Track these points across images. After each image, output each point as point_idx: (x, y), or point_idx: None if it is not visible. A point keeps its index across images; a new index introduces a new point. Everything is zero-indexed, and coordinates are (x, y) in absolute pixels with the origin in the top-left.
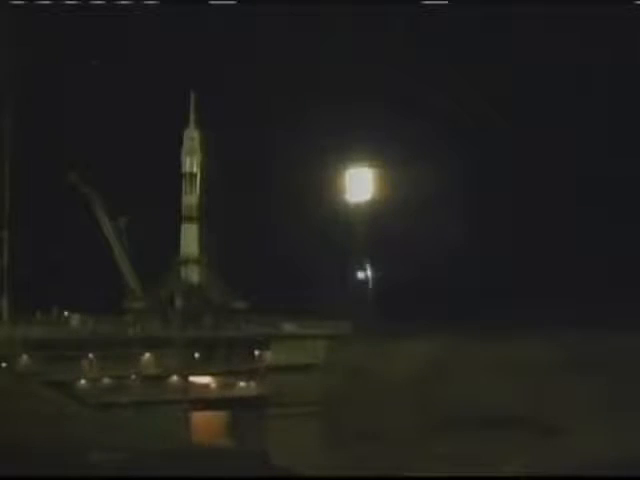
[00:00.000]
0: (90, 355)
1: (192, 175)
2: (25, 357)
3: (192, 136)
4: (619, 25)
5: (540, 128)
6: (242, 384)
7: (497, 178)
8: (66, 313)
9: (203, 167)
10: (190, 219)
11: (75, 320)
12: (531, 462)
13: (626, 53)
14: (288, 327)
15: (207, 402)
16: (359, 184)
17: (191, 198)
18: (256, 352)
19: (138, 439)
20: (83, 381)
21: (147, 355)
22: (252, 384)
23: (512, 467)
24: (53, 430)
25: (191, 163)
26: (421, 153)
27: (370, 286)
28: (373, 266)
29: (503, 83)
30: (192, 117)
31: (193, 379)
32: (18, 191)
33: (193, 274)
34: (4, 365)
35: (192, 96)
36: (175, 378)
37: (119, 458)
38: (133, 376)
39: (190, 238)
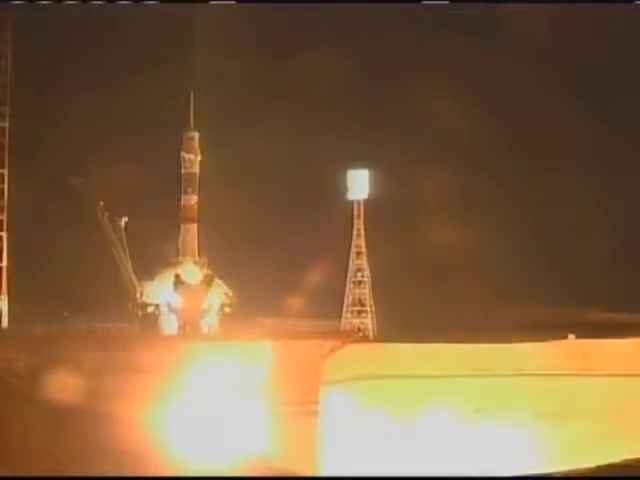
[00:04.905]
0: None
1: (192, 175)
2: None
3: (192, 136)
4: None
5: (540, 127)
6: None
7: (497, 178)
8: (65, 313)
9: (203, 167)
10: (190, 219)
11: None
12: None
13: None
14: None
15: None
16: (358, 183)
17: (191, 198)
18: None
19: None
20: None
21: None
22: None
23: None
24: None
25: (191, 163)
26: (421, 153)
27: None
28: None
29: (502, 82)
30: (192, 117)
31: None
32: (17, 191)
33: (193, 274)
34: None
35: (192, 96)
36: None
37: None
38: None
39: (190, 238)
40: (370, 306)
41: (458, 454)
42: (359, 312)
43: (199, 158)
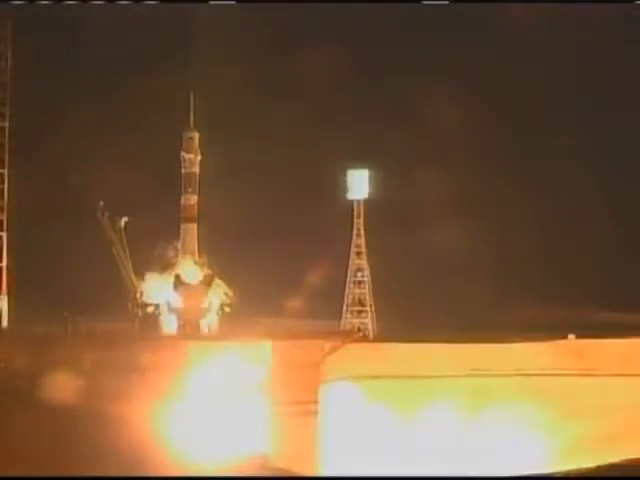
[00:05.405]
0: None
1: (192, 175)
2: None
3: (192, 136)
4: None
5: (542, 127)
6: None
7: (498, 178)
8: (65, 313)
9: (203, 167)
10: (190, 219)
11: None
12: None
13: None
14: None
15: None
16: (358, 183)
17: (191, 198)
18: None
19: None
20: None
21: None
22: None
23: None
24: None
25: (191, 163)
26: (421, 153)
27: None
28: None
29: (503, 82)
30: (192, 117)
31: None
32: (17, 191)
33: (192, 274)
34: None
35: (192, 96)
36: None
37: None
38: None
39: (190, 238)
40: (370, 306)
41: (458, 454)
42: (359, 312)
43: (199, 158)
